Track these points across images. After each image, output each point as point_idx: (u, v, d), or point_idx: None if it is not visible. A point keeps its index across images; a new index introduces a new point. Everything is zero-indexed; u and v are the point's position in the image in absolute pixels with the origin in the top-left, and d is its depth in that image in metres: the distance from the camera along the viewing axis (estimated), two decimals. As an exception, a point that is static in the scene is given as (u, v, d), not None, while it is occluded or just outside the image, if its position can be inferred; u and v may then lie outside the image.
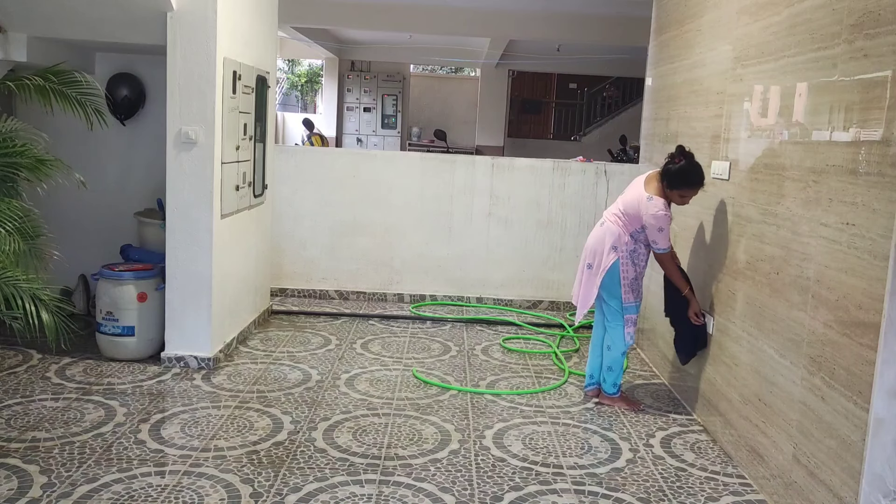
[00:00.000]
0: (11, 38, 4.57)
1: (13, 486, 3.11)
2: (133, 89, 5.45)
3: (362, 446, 3.67)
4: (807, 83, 3.22)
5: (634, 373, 5.06)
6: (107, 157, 5.57)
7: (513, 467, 3.55)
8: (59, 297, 3.58)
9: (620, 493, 3.35)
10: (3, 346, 4.80)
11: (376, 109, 16.25)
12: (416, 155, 7.27)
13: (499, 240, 6.68)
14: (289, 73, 21.91)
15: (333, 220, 6.63)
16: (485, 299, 6.68)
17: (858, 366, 2.70)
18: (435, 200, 6.65)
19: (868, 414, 2.63)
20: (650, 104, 5.74)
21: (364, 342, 5.42)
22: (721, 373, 3.97)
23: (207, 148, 4.49)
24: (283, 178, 6.37)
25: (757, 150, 3.70)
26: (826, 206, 2.99)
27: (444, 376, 4.76)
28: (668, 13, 5.40)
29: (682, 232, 4.76)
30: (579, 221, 6.63)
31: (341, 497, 3.17)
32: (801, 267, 3.15)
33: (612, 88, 16.02)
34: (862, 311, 2.70)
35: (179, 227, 4.56)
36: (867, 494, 2.64)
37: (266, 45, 5.46)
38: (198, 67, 4.43)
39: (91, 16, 4.54)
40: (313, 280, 6.69)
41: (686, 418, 4.28)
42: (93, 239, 5.47)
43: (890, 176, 2.59)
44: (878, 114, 2.67)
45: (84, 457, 3.41)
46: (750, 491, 3.45)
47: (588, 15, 10.15)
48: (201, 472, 3.34)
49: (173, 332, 4.65)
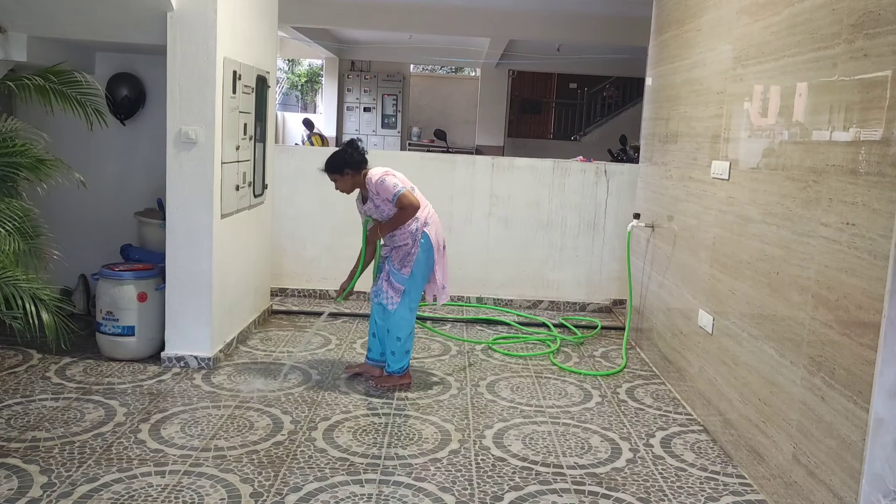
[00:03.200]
0: (11, 38, 4.57)
1: (13, 486, 3.11)
2: (133, 89, 5.45)
3: (362, 446, 3.67)
4: (807, 83, 3.22)
5: (634, 373, 5.06)
6: (107, 157, 5.57)
7: (513, 467, 3.55)
8: (59, 297, 3.58)
9: (620, 493, 3.35)
10: (3, 346, 4.80)
11: (376, 109, 16.24)
12: (416, 155, 7.28)
13: (499, 240, 6.68)
14: (289, 73, 21.91)
15: (333, 219, 6.62)
16: (485, 299, 6.68)
17: (858, 366, 2.70)
18: (435, 200, 6.56)
19: (868, 414, 2.63)
20: (650, 104, 5.74)
21: (364, 342, 5.41)
22: (721, 373, 3.97)
23: (207, 148, 4.49)
24: (283, 178, 6.37)
25: (757, 150, 3.70)
26: (826, 206, 2.99)
27: (445, 376, 4.76)
28: (668, 13, 5.40)
29: (682, 232, 4.76)
30: (579, 221, 6.63)
31: (341, 497, 3.18)
32: (801, 267, 3.15)
33: (612, 88, 16.02)
34: (862, 311, 2.70)
35: (179, 227, 4.56)
36: (867, 494, 2.64)
37: (266, 45, 5.46)
38: (198, 67, 4.43)
39: (91, 16, 4.54)
40: (313, 280, 6.69)
41: (686, 418, 4.28)
42: (93, 239, 5.47)
43: (890, 176, 2.59)
44: (878, 114, 2.67)
45: (84, 457, 3.41)
46: (750, 491, 3.45)
47: (588, 15, 10.14)
48: (201, 471, 3.34)
49: (173, 331, 4.65)
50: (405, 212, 4.28)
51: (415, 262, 4.35)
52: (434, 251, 4.42)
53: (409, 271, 4.35)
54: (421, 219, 4.37)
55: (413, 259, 4.34)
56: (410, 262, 4.35)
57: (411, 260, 4.35)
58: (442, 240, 4.53)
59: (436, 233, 4.45)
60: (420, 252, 4.35)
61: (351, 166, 4.32)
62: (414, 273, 4.37)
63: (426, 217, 4.41)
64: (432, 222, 4.44)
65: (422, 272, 4.40)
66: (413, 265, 4.35)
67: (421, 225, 4.37)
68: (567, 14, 10.19)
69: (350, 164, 4.32)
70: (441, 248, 4.50)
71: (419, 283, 4.44)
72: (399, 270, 4.36)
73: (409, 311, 4.43)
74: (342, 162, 4.33)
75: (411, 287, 4.40)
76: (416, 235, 4.35)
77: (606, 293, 6.73)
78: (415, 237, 4.35)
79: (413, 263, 4.35)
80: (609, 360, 5.32)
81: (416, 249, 4.35)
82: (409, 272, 4.35)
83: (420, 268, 4.38)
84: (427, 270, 4.44)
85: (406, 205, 4.26)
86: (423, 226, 4.37)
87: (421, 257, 4.36)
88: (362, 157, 4.37)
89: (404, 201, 4.25)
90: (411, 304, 4.44)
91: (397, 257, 4.37)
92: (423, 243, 4.36)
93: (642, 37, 6.25)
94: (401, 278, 4.36)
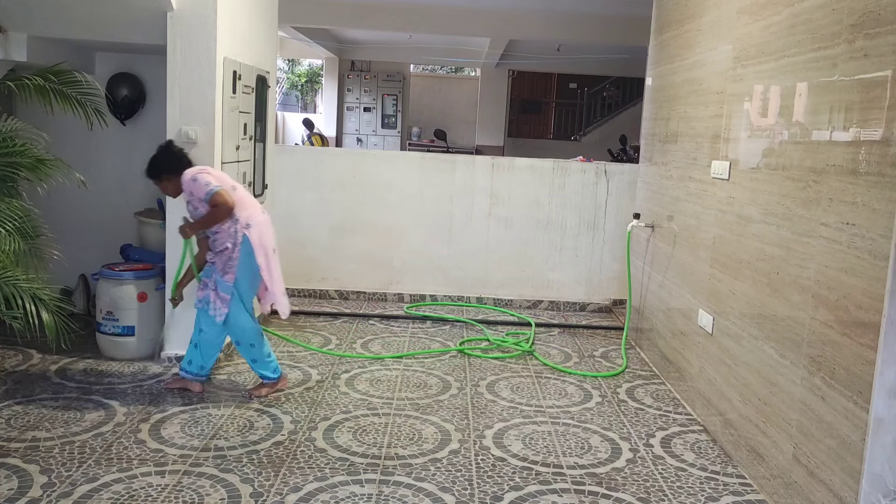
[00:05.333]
0: (11, 38, 4.58)
1: (13, 486, 3.11)
2: (133, 89, 5.45)
3: (362, 446, 3.67)
4: (807, 83, 3.22)
5: (635, 373, 5.06)
6: (107, 157, 5.57)
7: (513, 467, 3.55)
8: (59, 297, 3.58)
9: (620, 493, 3.35)
10: (3, 346, 4.79)
11: (376, 109, 16.24)
12: (416, 155, 7.27)
13: (499, 240, 6.68)
14: (289, 73, 21.91)
15: (333, 219, 6.63)
16: (485, 299, 6.68)
17: (858, 365, 2.70)
18: (435, 200, 6.65)
19: (868, 414, 2.63)
20: (650, 104, 5.74)
21: (364, 342, 5.42)
22: (721, 373, 3.97)
23: (207, 148, 4.49)
24: (283, 178, 6.37)
25: (757, 150, 3.70)
26: (826, 206, 2.99)
27: (444, 376, 4.76)
28: (668, 13, 5.40)
29: (682, 232, 4.76)
30: (579, 221, 6.64)
31: (341, 497, 3.18)
32: (801, 267, 3.15)
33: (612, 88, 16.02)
34: (862, 311, 2.70)
35: (179, 227, 4.56)
36: (867, 494, 2.64)
37: (266, 45, 5.46)
38: (198, 67, 4.43)
39: (91, 16, 4.55)
40: (313, 280, 6.69)
41: (686, 418, 4.28)
42: (93, 239, 5.47)
43: (890, 176, 2.59)
44: (878, 114, 2.67)
45: (84, 456, 3.41)
46: (750, 491, 3.45)
47: (588, 15, 10.14)
48: (201, 471, 3.34)
49: (173, 331, 4.65)
50: (218, 210, 3.98)
51: (238, 267, 4.07)
52: (256, 255, 4.08)
53: (233, 277, 4.07)
54: (241, 220, 4.06)
55: (235, 264, 4.06)
56: (233, 268, 4.06)
57: (233, 265, 4.06)
58: (269, 243, 4.17)
59: (259, 235, 4.10)
60: (242, 256, 4.06)
61: (167, 171, 4.10)
62: (238, 279, 4.08)
63: (247, 219, 4.08)
64: (255, 224, 4.10)
65: (247, 277, 4.11)
66: (236, 270, 4.07)
67: (241, 227, 4.05)
68: (567, 14, 10.19)
69: (165, 169, 4.10)
70: (268, 252, 4.15)
71: (246, 288, 4.15)
72: (222, 277, 4.08)
73: (246, 315, 4.17)
74: (156, 168, 4.11)
75: (239, 293, 4.12)
76: (235, 239, 4.06)
77: (606, 293, 6.73)
78: (234, 241, 4.06)
79: (236, 269, 4.07)
80: (609, 360, 5.32)
81: (236, 254, 4.06)
82: (232, 278, 4.07)
83: (244, 272, 4.09)
84: (252, 275, 4.13)
85: (219, 203, 3.97)
86: (243, 228, 4.06)
87: (243, 261, 4.07)
88: (178, 159, 4.12)
89: (217, 200, 3.96)
90: (248, 308, 4.18)
91: (220, 263, 4.09)
92: (243, 247, 4.06)
93: (642, 37, 6.25)
94: (225, 286, 4.08)
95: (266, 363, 4.28)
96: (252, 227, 4.09)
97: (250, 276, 4.13)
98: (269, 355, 4.31)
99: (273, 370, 4.30)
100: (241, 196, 4.15)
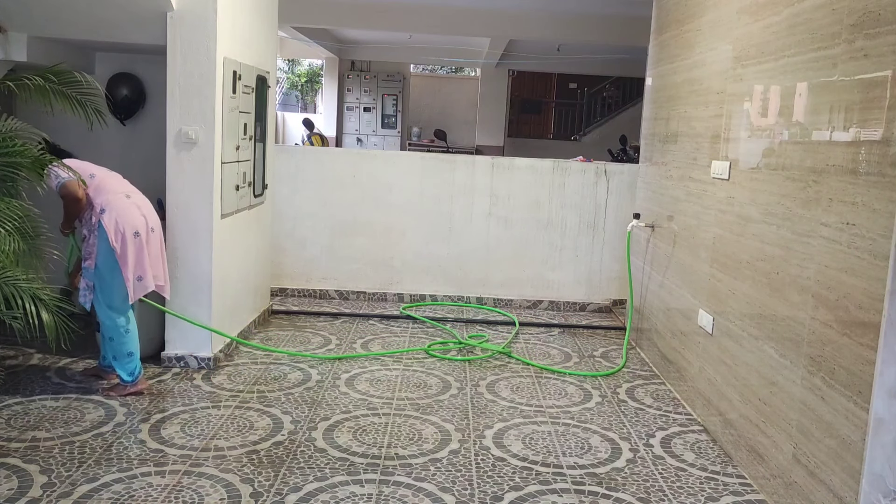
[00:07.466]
0: (11, 38, 4.57)
1: (13, 486, 3.11)
2: (133, 89, 5.45)
3: (362, 446, 3.67)
4: (807, 83, 3.22)
5: (634, 373, 5.06)
6: (107, 156, 5.53)
7: (513, 467, 3.55)
8: (59, 297, 3.58)
9: (620, 493, 3.35)
10: (3, 346, 4.79)
11: (376, 109, 16.25)
12: (416, 155, 7.27)
13: (499, 240, 6.68)
14: (289, 73, 21.91)
15: (333, 219, 6.63)
16: (485, 299, 6.68)
17: (858, 365, 2.70)
18: (435, 200, 6.65)
19: (868, 414, 2.63)
20: (650, 104, 5.74)
21: (364, 342, 5.42)
22: (721, 373, 3.98)
23: (207, 148, 4.49)
24: (283, 178, 6.37)
25: (757, 150, 3.70)
26: (826, 206, 2.99)
27: (444, 376, 4.76)
28: (668, 13, 5.40)
29: (682, 232, 4.77)
30: (579, 221, 6.64)
31: (341, 497, 3.18)
32: (801, 267, 3.15)
33: (612, 88, 16.02)
34: (862, 311, 2.70)
35: (179, 227, 4.56)
36: (867, 494, 2.64)
37: (266, 45, 5.46)
38: (198, 67, 4.43)
39: (91, 16, 4.54)
40: (313, 280, 6.69)
41: (686, 418, 4.28)
42: (93, 239, 5.46)
43: (890, 176, 2.59)
44: (878, 114, 2.68)
45: (84, 456, 3.41)
46: (750, 491, 3.45)
47: (588, 15, 10.15)
48: (201, 471, 3.34)
49: (173, 331, 4.65)
50: (67, 201, 3.97)
51: (97, 254, 4.02)
52: (112, 240, 3.99)
53: (93, 264, 4.03)
54: (97, 206, 4.01)
55: (94, 251, 4.02)
56: (91, 255, 4.03)
57: (91, 252, 4.03)
58: (132, 227, 4.05)
59: (116, 219, 4.01)
60: (99, 242, 4.01)
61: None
62: (98, 266, 4.02)
63: (103, 204, 4.02)
64: (112, 209, 4.02)
65: (107, 265, 4.03)
66: (95, 257, 4.02)
67: (96, 213, 4.01)
68: (567, 14, 10.19)
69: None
70: (128, 237, 4.03)
71: (107, 278, 4.05)
72: (84, 263, 4.07)
73: (107, 308, 4.09)
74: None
75: (99, 282, 4.06)
76: (92, 226, 4.03)
77: (606, 293, 6.73)
78: (91, 228, 4.03)
79: (95, 255, 4.02)
80: (609, 360, 5.32)
81: (93, 240, 4.03)
82: (92, 265, 4.03)
83: (104, 259, 4.02)
84: (112, 262, 4.03)
85: (64, 195, 3.94)
86: (98, 214, 4.01)
87: (101, 248, 4.01)
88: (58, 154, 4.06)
89: (62, 191, 3.93)
90: (109, 302, 4.09)
91: (84, 250, 4.09)
92: (99, 232, 4.01)
93: (642, 37, 6.25)
94: (88, 272, 4.05)
95: (124, 363, 4.15)
96: (106, 213, 4.02)
97: (111, 262, 4.04)
98: (130, 354, 4.16)
99: (129, 373, 4.15)
100: (100, 182, 4.10)
